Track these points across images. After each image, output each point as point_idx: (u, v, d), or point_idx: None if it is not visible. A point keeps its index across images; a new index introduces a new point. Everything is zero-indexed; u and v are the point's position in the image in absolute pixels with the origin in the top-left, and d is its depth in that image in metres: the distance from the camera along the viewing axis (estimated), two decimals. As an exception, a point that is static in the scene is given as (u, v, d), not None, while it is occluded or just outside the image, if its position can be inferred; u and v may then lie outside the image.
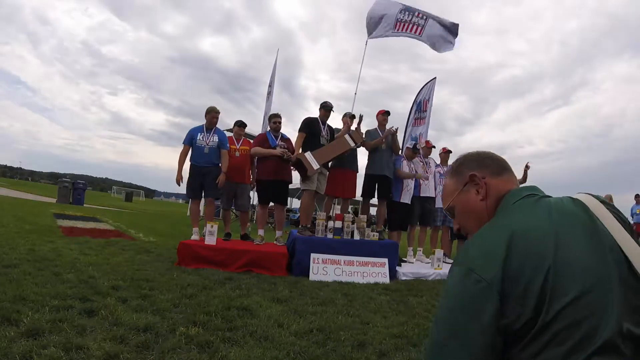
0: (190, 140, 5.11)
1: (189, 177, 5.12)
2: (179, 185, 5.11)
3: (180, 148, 5.10)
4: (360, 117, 5.38)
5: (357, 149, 5.48)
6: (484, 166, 0.92)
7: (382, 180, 5.53)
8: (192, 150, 5.13)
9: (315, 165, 4.83)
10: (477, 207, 0.89)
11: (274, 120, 5.42)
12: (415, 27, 6.75)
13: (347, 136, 5.14)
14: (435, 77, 7.90)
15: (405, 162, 5.75)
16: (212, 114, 5.17)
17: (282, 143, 5.20)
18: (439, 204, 6.21)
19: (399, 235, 5.88)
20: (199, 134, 5.11)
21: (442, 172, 6.33)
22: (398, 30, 6.69)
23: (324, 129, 5.22)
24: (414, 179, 5.76)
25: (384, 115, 5.71)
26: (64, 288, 2.83)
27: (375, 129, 5.70)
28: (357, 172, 5.60)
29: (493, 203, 0.87)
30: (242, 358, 2.00)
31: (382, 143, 5.48)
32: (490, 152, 0.97)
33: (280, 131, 5.41)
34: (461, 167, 0.95)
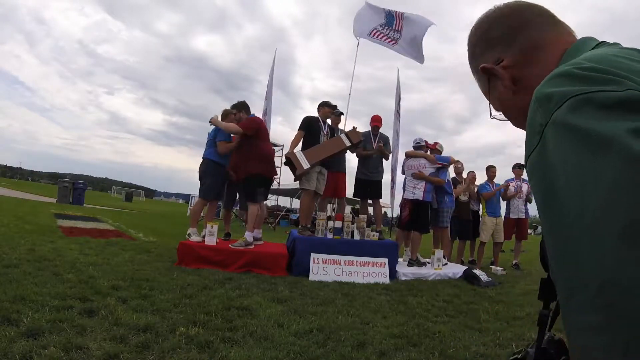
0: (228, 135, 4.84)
1: (211, 176, 4.87)
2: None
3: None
4: (353, 129, 5.23)
5: (347, 152, 5.48)
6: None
7: (373, 184, 5.69)
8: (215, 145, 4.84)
9: (306, 165, 4.71)
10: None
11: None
12: (389, 40, 6.93)
13: (343, 135, 5.08)
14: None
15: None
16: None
17: None
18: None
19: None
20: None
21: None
22: (373, 36, 6.97)
23: (324, 128, 5.19)
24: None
25: (378, 126, 5.79)
26: (64, 288, 2.83)
27: (368, 131, 5.77)
28: (345, 172, 5.66)
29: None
30: (242, 358, 2.00)
31: (374, 154, 5.64)
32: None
33: None
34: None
